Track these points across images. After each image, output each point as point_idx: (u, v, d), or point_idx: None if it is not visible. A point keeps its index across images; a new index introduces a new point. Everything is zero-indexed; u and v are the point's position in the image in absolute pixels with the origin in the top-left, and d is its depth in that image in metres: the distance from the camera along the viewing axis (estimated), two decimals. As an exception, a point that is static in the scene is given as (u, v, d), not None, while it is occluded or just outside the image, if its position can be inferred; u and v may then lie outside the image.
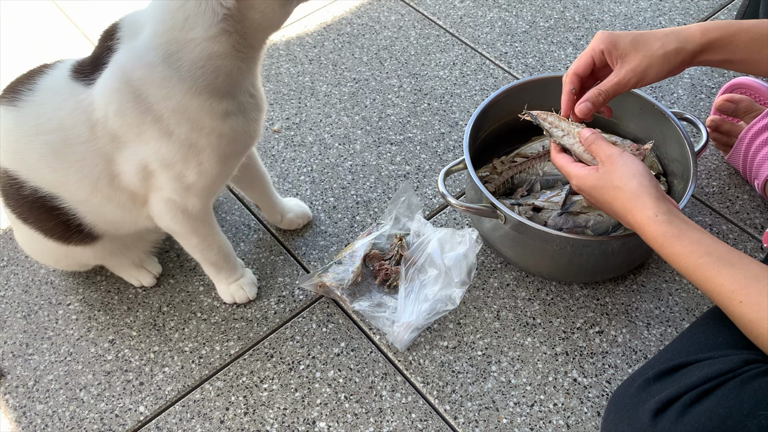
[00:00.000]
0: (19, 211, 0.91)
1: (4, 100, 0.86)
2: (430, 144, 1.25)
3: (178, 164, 0.82)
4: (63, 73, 0.84)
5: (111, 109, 0.79)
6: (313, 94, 1.36)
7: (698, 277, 0.71)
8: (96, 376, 0.98)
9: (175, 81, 0.76)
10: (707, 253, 0.70)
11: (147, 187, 0.86)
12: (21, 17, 1.56)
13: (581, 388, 0.94)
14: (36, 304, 1.06)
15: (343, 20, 1.51)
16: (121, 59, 0.78)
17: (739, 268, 0.68)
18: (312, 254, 1.10)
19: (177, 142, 0.80)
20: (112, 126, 0.80)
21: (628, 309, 1.02)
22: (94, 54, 0.83)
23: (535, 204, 1.03)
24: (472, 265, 1.01)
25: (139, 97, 0.77)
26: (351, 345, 0.99)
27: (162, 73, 0.76)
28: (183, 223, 0.91)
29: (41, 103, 0.83)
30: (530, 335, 0.99)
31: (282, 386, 0.95)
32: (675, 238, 0.72)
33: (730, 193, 1.15)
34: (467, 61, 1.40)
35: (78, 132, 0.82)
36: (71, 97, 0.82)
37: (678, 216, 0.74)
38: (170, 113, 0.78)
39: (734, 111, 1.14)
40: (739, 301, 0.67)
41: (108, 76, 0.79)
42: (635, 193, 0.76)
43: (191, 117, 0.79)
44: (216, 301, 1.05)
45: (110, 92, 0.79)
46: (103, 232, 0.93)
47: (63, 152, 0.83)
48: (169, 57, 0.75)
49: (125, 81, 0.77)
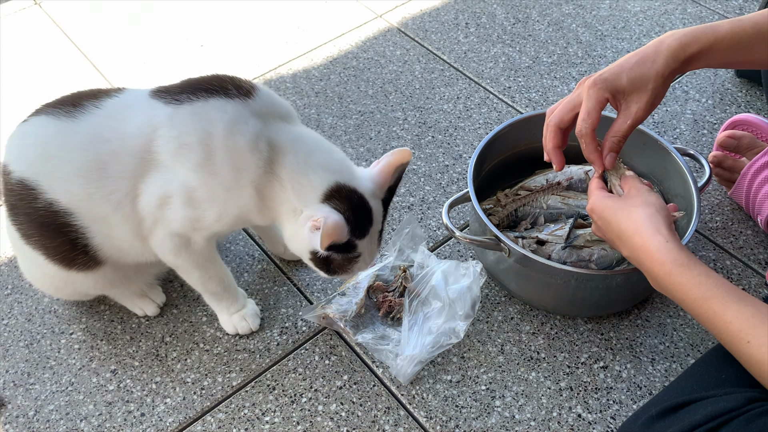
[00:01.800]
0: (26, 228, 0.89)
1: (53, 111, 0.86)
2: (434, 176, 1.26)
3: (204, 204, 0.83)
4: (143, 94, 0.86)
5: (179, 134, 0.80)
6: (318, 125, 1.37)
7: (705, 312, 0.69)
8: (97, 406, 0.97)
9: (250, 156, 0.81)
10: (716, 286, 0.69)
11: (157, 217, 0.86)
12: (15, 32, 1.59)
13: (586, 424, 0.93)
14: (39, 333, 1.06)
15: (349, 54, 1.54)
16: (230, 111, 0.80)
17: (747, 305, 0.67)
18: (315, 285, 1.10)
19: (216, 184, 0.82)
20: (168, 147, 0.81)
21: (632, 344, 1.01)
22: (191, 82, 0.84)
23: (539, 237, 1.03)
24: (476, 298, 1.01)
25: (213, 139, 0.80)
26: (354, 378, 0.99)
27: (248, 149, 0.81)
28: (186, 257, 0.91)
29: (109, 116, 0.84)
30: (534, 370, 0.99)
31: (284, 419, 0.95)
32: (684, 266, 0.72)
33: (733, 228, 1.15)
34: (471, 95, 1.42)
35: (135, 142, 0.82)
36: (147, 110, 0.83)
37: (686, 249, 0.74)
38: (229, 165, 0.81)
39: (736, 147, 1.15)
40: (746, 341, 0.66)
41: (201, 110, 0.81)
42: (649, 218, 0.76)
43: (241, 168, 0.81)
44: (219, 332, 1.05)
45: (191, 122, 0.80)
46: (108, 257, 0.92)
47: (108, 162, 0.83)
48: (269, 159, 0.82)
49: (213, 126, 0.80)
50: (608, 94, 0.82)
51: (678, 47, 0.80)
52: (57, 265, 0.91)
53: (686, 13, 1.61)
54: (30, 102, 0.95)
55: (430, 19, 1.62)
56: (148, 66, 1.53)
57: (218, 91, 0.81)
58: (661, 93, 0.82)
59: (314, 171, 0.83)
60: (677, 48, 0.80)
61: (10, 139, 0.90)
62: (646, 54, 0.82)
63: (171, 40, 1.60)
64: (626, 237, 0.78)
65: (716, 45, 0.80)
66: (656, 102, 0.83)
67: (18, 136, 0.89)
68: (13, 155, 0.87)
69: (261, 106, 0.83)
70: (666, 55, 0.80)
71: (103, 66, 1.53)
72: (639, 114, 0.83)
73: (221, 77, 0.84)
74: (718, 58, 0.82)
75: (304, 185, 0.83)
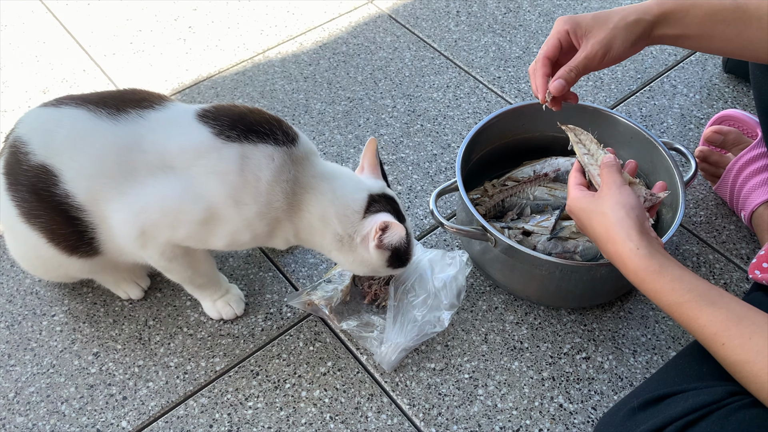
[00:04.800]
0: (32, 208, 0.87)
1: (94, 109, 0.85)
2: (422, 165, 1.26)
3: (216, 228, 0.85)
4: (188, 113, 0.86)
5: (225, 170, 0.82)
6: (307, 111, 1.36)
7: (680, 316, 0.70)
8: (78, 389, 0.96)
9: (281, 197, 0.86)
10: (688, 290, 0.69)
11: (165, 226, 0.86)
12: (12, 21, 1.56)
13: (567, 414, 0.94)
14: (20, 315, 1.05)
15: (339, 39, 1.53)
16: (277, 159, 0.84)
17: (720, 308, 0.67)
18: (301, 272, 1.10)
19: (237, 216, 0.84)
20: (208, 175, 0.83)
21: (614, 336, 1.02)
22: (244, 120, 0.85)
23: (525, 228, 1.04)
24: (461, 288, 1.02)
25: (258, 183, 0.83)
26: (338, 365, 0.99)
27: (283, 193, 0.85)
28: (182, 261, 0.92)
29: (152, 129, 0.84)
30: (517, 359, 0.99)
31: (267, 405, 0.95)
32: (656, 273, 0.72)
33: (717, 223, 1.17)
34: (461, 84, 1.42)
35: (173, 160, 0.83)
36: (193, 134, 0.84)
37: (659, 251, 0.74)
38: (263, 203, 0.84)
39: (722, 143, 1.16)
40: (721, 343, 0.66)
41: (251, 153, 0.83)
42: (619, 223, 0.75)
43: (270, 207, 0.85)
44: (202, 317, 1.04)
45: (241, 163, 0.82)
46: (108, 251, 0.91)
47: (139, 170, 0.83)
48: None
49: (261, 171, 0.83)
50: (568, 26, 0.86)
51: (654, 2, 0.82)
52: (59, 250, 0.90)
53: (676, 7, 1.61)
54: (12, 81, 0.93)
55: (421, 6, 1.61)
56: (134, 46, 1.51)
57: (268, 135, 0.84)
58: (622, 38, 0.84)
59: (350, 197, 0.89)
60: (653, 3, 0.83)
61: (32, 120, 0.88)
62: (622, 6, 0.85)
63: (159, 21, 1.58)
64: (600, 243, 0.79)
65: (694, 10, 0.81)
66: (614, 44, 0.84)
67: (46, 120, 0.87)
68: (38, 138, 0.85)
69: (300, 152, 0.87)
70: (639, 9, 0.83)
71: (88, 45, 1.50)
72: (593, 49, 0.84)
73: (272, 120, 0.86)
74: (693, 27, 0.83)
75: (348, 214, 0.88)
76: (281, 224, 0.88)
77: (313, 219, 0.88)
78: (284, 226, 0.88)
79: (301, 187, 0.87)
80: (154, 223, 0.85)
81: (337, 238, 0.89)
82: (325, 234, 0.89)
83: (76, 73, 1.44)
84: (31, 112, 0.90)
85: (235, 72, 1.45)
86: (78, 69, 1.45)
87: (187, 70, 1.45)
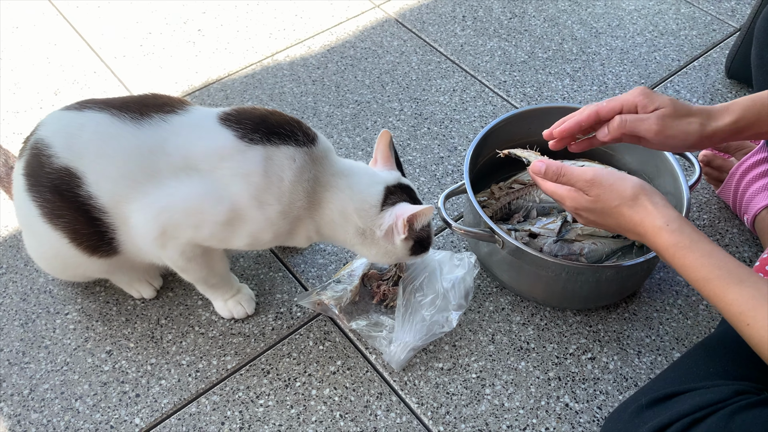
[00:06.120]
0: (55, 208, 0.88)
1: (117, 113, 0.86)
2: (429, 167, 1.28)
3: (239, 228, 0.87)
4: (211, 116, 0.87)
5: (249, 172, 0.84)
6: (315, 114, 1.38)
7: (708, 292, 0.70)
8: (92, 386, 0.98)
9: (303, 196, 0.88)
10: (717, 267, 0.70)
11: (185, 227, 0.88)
12: (23, 23, 1.58)
13: (573, 413, 0.95)
14: (34, 313, 1.06)
15: (346, 43, 1.54)
16: (299, 160, 0.85)
17: (747, 286, 0.68)
18: (311, 272, 1.12)
19: (260, 216, 0.86)
20: (232, 177, 0.84)
21: (619, 336, 1.04)
22: (266, 122, 0.86)
23: (532, 230, 1.05)
24: (469, 289, 1.03)
25: (282, 183, 0.85)
26: (347, 364, 1.00)
27: (304, 192, 0.87)
28: (200, 261, 0.93)
29: (175, 132, 0.86)
30: (524, 359, 1.01)
31: (278, 402, 0.96)
32: (687, 249, 0.72)
33: (720, 226, 1.18)
34: (467, 88, 1.43)
35: (198, 163, 0.84)
36: (216, 137, 0.85)
37: (689, 225, 0.74)
38: (285, 203, 0.86)
39: (726, 147, 1.17)
40: (746, 323, 0.67)
41: (274, 154, 0.85)
42: (639, 205, 0.76)
43: (293, 206, 0.87)
44: (214, 316, 1.06)
45: (265, 164, 0.84)
46: (126, 251, 0.93)
47: (162, 172, 0.85)
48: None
49: (283, 171, 0.85)
50: (639, 100, 0.83)
51: (729, 120, 0.82)
52: (80, 250, 0.91)
53: (680, 13, 1.63)
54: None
55: (427, 10, 1.63)
56: (144, 49, 1.52)
57: (289, 136, 0.86)
58: (684, 129, 0.82)
59: (367, 191, 0.91)
60: (728, 122, 0.82)
61: (55, 122, 0.89)
62: (698, 107, 0.84)
63: (168, 24, 1.59)
64: (626, 231, 0.80)
65: (762, 116, 0.81)
66: (672, 125, 0.82)
67: (68, 123, 0.88)
68: (62, 141, 0.86)
69: (319, 152, 0.89)
70: (711, 122, 0.82)
71: (99, 47, 1.52)
72: (651, 120, 0.82)
73: (292, 122, 0.88)
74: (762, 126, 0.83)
75: (366, 209, 0.91)
76: (302, 222, 0.90)
77: (334, 215, 0.90)
78: (305, 223, 0.90)
79: (321, 185, 0.89)
80: (176, 222, 0.86)
81: (359, 232, 0.91)
82: (348, 229, 0.91)
83: (87, 74, 1.46)
84: (53, 115, 0.90)
85: (244, 75, 1.47)
86: (89, 71, 1.47)
87: (196, 72, 1.47)
